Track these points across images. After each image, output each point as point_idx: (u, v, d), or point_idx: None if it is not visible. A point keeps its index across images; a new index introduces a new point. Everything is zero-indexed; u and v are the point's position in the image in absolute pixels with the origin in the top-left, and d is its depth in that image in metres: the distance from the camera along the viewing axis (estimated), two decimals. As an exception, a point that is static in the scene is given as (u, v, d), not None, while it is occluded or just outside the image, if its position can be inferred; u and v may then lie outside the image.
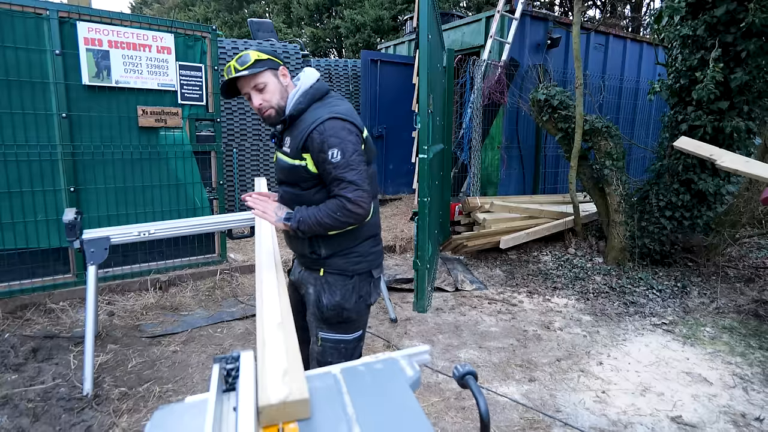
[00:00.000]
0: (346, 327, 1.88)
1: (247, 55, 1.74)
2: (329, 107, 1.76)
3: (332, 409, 1.07)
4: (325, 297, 1.83)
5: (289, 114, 1.80)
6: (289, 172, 1.80)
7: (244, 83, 1.77)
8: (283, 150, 1.82)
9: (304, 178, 1.77)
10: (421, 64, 3.03)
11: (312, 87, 1.81)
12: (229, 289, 4.31)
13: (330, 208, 1.70)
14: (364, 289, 1.88)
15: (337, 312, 1.83)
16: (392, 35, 16.69)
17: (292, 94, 1.82)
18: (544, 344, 3.45)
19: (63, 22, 3.54)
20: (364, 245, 1.87)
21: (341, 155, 1.66)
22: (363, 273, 1.87)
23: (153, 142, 4.02)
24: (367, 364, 1.25)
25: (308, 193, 1.79)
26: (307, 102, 1.79)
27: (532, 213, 5.40)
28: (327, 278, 1.84)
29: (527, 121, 6.09)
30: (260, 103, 1.77)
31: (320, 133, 1.67)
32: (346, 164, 1.66)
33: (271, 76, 1.79)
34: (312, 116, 1.73)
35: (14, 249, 3.60)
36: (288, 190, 1.85)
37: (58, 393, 2.80)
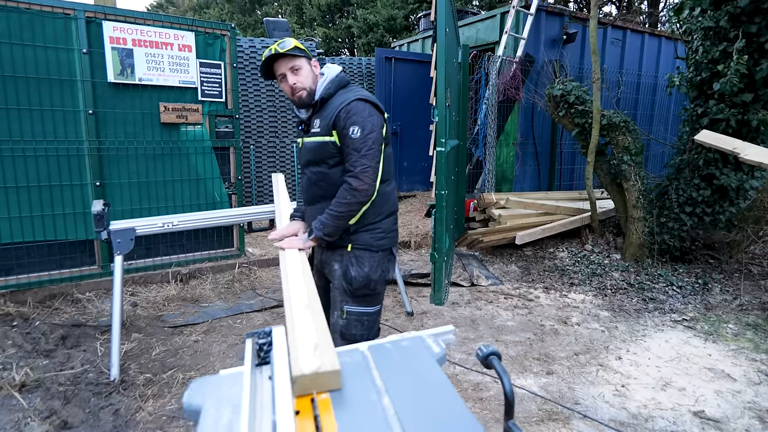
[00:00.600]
0: (370, 300, 2.04)
1: (288, 41, 1.94)
2: (354, 92, 1.97)
3: (362, 382, 1.11)
4: (354, 269, 1.98)
5: (320, 97, 1.98)
6: (318, 150, 1.95)
7: (282, 64, 1.95)
8: (311, 132, 1.98)
9: (331, 154, 1.93)
10: (438, 58, 3.05)
11: (337, 76, 2.03)
12: (247, 282, 4.38)
13: (338, 198, 1.90)
14: (385, 264, 2.06)
15: (365, 283, 1.99)
16: (405, 34, 16.71)
17: (321, 81, 2.02)
18: (561, 338, 3.45)
19: (90, 22, 3.64)
20: (386, 222, 2.05)
21: (360, 132, 1.85)
22: (386, 249, 2.05)
23: (174, 137, 4.11)
24: (394, 341, 1.29)
25: (334, 172, 1.96)
26: (335, 88, 1.99)
27: (547, 209, 5.38)
28: (355, 252, 1.99)
29: (543, 117, 6.06)
30: (294, 82, 1.95)
31: (346, 112, 1.87)
32: (362, 141, 1.85)
33: (305, 63, 1.99)
34: (340, 99, 1.93)
35: (43, 241, 3.71)
36: (315, 170, 2.00)
37: (87, 378, 2.89)
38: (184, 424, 2.53)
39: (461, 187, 5.27)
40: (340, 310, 2.00)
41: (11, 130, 3.49)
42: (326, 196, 1.98)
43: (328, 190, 1.98)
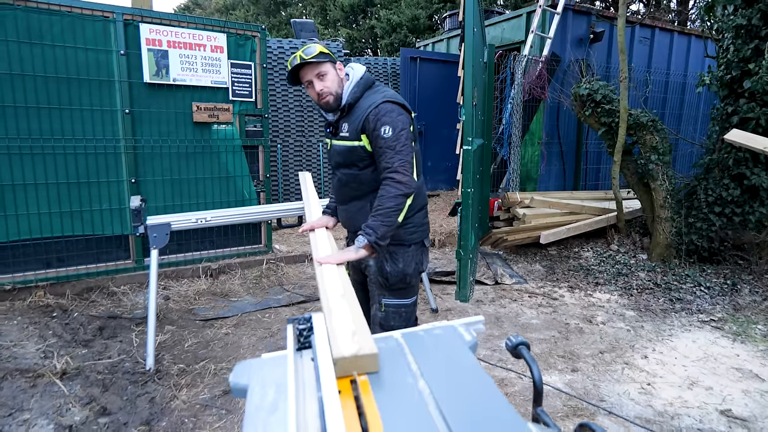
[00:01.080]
0: (406, 292, 2.10)
1: (314, 47, 1.96)
2: (381, 93, 1.98)
3: (397, 366, 1.17)
4: (389, 265, 2.04)
5: (347, 102, 2.00)
6: (348, 154, 2.00)
7: (308, 71, 1.97)
8: (340, 136, 2.03)
9: (361, 158, 1.98)
10: (466, 57, 3.09)
11: (362, 78, 2.04)
12: (275, 277, 4.48)
13: (385, 195, 1.88)
14: (419, 257, 2.11)
15: (400, 278, 2.05)
16: (428, 34, 16.70)
17: (347, 86, 2.03)
18: (586, 337, 3.44)
19: (127, 24, 3.79)
20: (417, 216, 2.08)
21: (392, 131, 1.88)
22: (418, 242, 2.10)
23: (206, 136, 4.24)
24: (427, 330, 1.34)
25: (365, 173, 2.01)
26: (361, 90, 2.01)
27: (572, 209, 5.34)
28: (388, 248, 2.02)
29: (568, 116, 6.02)
30: (321, 88, 1.97)
31: (375, 115, 1.89)
32: (395, 139, 1.88)
33: (331, 68, 2.00)
34: (367, 102, 1.96)
35: (81, 235, 3.88)
36: (346, 171, 2.06)
37: (124, 367, 3.02)
38: (217, 413, 2.63)
39: (486, 186, 5.28)
40: (378, 303, 2.07)
41: (53, 128, 3.66)
42: (358, 195, 2.07)
43: (359, 189, 2.06)
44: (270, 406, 1.03)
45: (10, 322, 3.39)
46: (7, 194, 3.57)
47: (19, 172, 3.58)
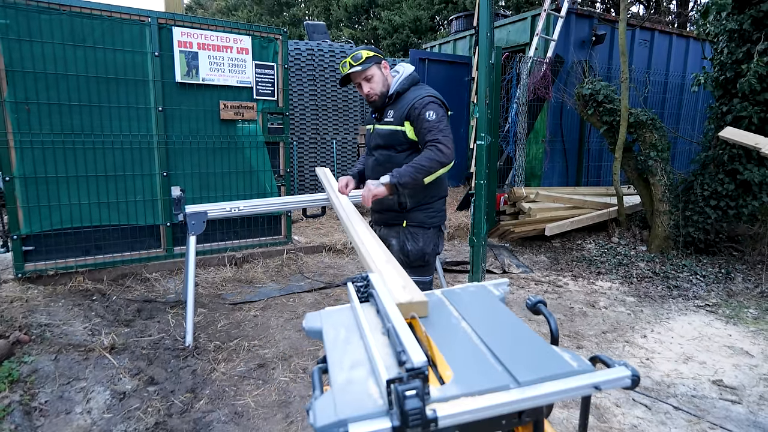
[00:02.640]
0: (424, 270, 2.36)
1: (360, 53, 2.25)
2: (426, 90, 2.28)
3: (442, 313, 1.45)
4: (410, 244, 2.32)
5: (395, 91, 2.30)
6: (389, 137, 2.29)
7: (357, 75, 2.27)
8: (384, 121, 2.32)
9: (400, 142, 2.27)
10: (480, 60, 3.35)
11: (411, 75, 2.34)
12: (295, 266, 4.75)
13: (425, 155, 2.13)
14: (436, 239, 2.38)
15: (420, 256, 2.31)
16: (430, 35, 16.96)
17: (396, 78, 2.33)
18: (590, 319, 3.71)
19: (161, 28, 4.06)
20: (438, 203, 2.36)
21: (435, 115, 2.16)
22: (436, 226, 2.36)
23: (231, 133, 4.51)
24: (462, 288, 1.63)
25: (401, 155, 2.29)
26: (408, 84, 2.31)
27: (576, 203, 5.61)
28: (409, 229, 2.32)
29: (571, 115, 6.29)
30: (368, 90, 2.29)
31: (420, 104, 2.18)
32: (439, 121, 2.16)
33: (377, 69, 2.29)
34: (413, 94, 2.24)
35: (117, 225, 4.14)
36: (383, 152, 2.35)
37: (164, 344, 3.28)
38: (254, 383, 2.89)
39: (492, 182, 5.54)
40: None
41: (93, 124, 3.93)
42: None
43: (391, 170, 2.26)
44: (344, 339, 1.31)
45: (55, 303, 3.66)
46: (51, 186, 3.83)
47: (62, 165, 3.84)
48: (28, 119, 3.69)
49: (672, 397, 2.67)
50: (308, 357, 3.08)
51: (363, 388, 1.02)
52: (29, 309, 3.52)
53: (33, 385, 2.74)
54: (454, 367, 1.12)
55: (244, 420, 2.52)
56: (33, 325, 3.30)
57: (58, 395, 2.70)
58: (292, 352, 3.16)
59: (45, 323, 3.36)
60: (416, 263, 2.33)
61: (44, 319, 3.42)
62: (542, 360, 1.12)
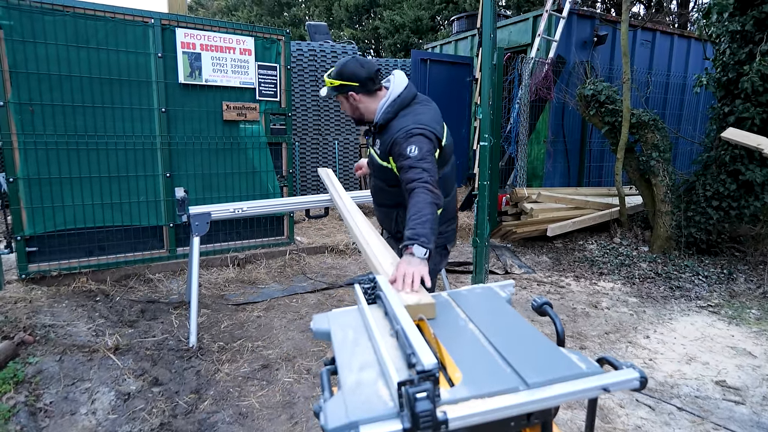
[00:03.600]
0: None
1: (324, 89, 2.12)
2: (414, 116, 1.96)
3: (449, 314, 1.46)
4: None
5: (378, 123, 2.04)
6: (379, 170, 2.15)
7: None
8: (375, 149, 2.13)
9: (390, 178, 2.08)
10: (484, 61, 3.36)
11: (399, 96, 2.02)
12: (297, 267, 4.76)
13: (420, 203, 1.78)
14: (437, 258, 2.24)
15: None
16: (431, 35, 16.97)
17: (381, 104, 2.05)
18: (592, 320, 3.72)
19: (164, 29, 4.07)
20: (443, 225, 2.22)
21: (418, 151, 1.85)
22: (440, 246, 2.22)
23: (234, 134, 4.52)
24: (469, 289, 1.63)
25: (392, 190, 2.13)
26: (394, 111, 2.01)
27: (577, 204, 5.62)
28: None
29: (573, 116, 6.30)
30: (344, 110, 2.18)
31: (402, 140, 1.90)
32: (422, 158, 1.84)
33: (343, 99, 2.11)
34: (398, 125, 1.96)
35: (121, 226, 4.15)
36: (377, 183, 2.25)
37: (168, 345, 3.29)
38: (258, 383, 2.90)
39: (494, 182, 5.55)
40: None
41: (96, 125, 3.93)
42: (386, 204, 2.26)
43: (387, 200, 2.24)
44: (352, 341, 1.32)
45: (59, 304, 3.67)
46: (54, 187, 3.84)
47: (65, 165, 3.85)
48: (32, 120, 3.70)
49: (675, 397, 2.68)
50: (312, 358, 3.09)
51: (373, 390, 1.03)
52: (33, 310, 3.53)
53: (38, 386, 2.75)
54: (463, 369, 1.13)
55: (248, 421, 2.53)
56: (37, 325, 3.31)
57: (63, 396, 2.71)
58: (296, 352, 3.17)
59: (49, 324, 3.37)
60: None
61: (48, 320, 3.43)
62: (550, 362, 1.13)
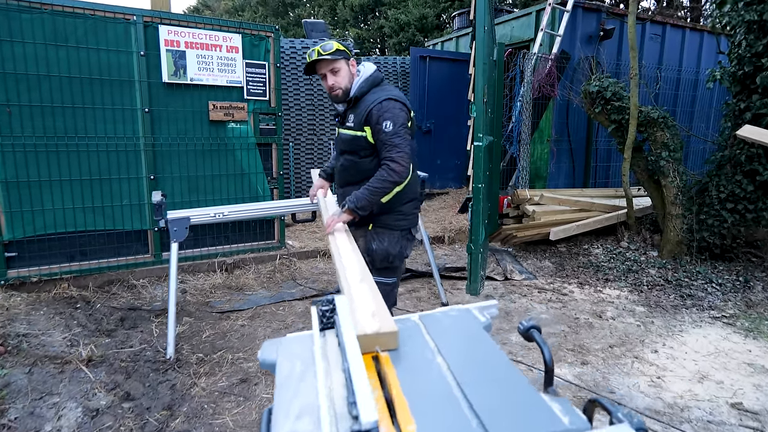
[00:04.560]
0: (388, 272, 2.34)
1: (331, 44, 2.18)
2: (386, 91, 2.20)
3: (416, 344, 1.24)
4: (375, 244, 2.28)
5: (354, 95, 2.23)
6: (351, 142, 2.24)
7: (324, 65, 2.19)
8: (346, 125, 2.27)
9: (362, 147, 2.21)
10: (477, 55, 3.15)
11: (371, 75, 2.26)
12: (288, 272, 4.58)
13: (377, 176, 2.12)
14: (403, 242, 2.34)
15: (384, 256, 2.28)
16: (436, 33, 16.74)
17: (356, 80, 2.26)
18: (596, 332, 3.49)
19: (147, 26, 3.91)
20: (406, 206, 2.31)
21: (392, 126, 2.10)
22: (404, 230, 2.33)
23: (221, 134, 4.35)
24: (443, 311, 1.42)
25: (364, 161, 2.24)
26: (368, 86, 2.23)
27: (582, 206, 5.37)
28: (376, 230, 2.30)
29: (578, 114, 6.05)
30: (332, 83, 2.21)
31: (378, 110, 2.12)
32: (395, 133, 2.10)
33: (344, 64, 2.23)
34: (372, 97, 2.18)
35: (103, 230, 4.01)
36: (348, 158, 2.31)
37: (145, 356, 3.13)
38: (235, 399, 2.72)
39: (495, 184, 5.33)
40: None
41: (77, 127, 3.79)
42: (354, 182, 2.29)
43: (356, 176, 2.28)
44: (298, 375, 1.11)
45: (37, 312, 3.52)
46: (33, 190, 3.70)
47: (45, 168, 3.71)
48: (9, 122, 3.56)
49: (686, 422, 2.44)
50: (293, 372, 2.90)
51: (309, 445, 0.83)
52: (9, 318, 3.39)
53: (4, 401, 2.59)
54: (419, 418, 0.92)
55: (218, 444, 2.35)
56: (11, 335, 3.16)
57: (29, 411, 2.55)
58: (277, 367, 2.98)
59: (23, 333, 3.22)
60: (381, 264, 2.31)
61: (23, 329, 3.28)
62: (527, 413, 0.92)
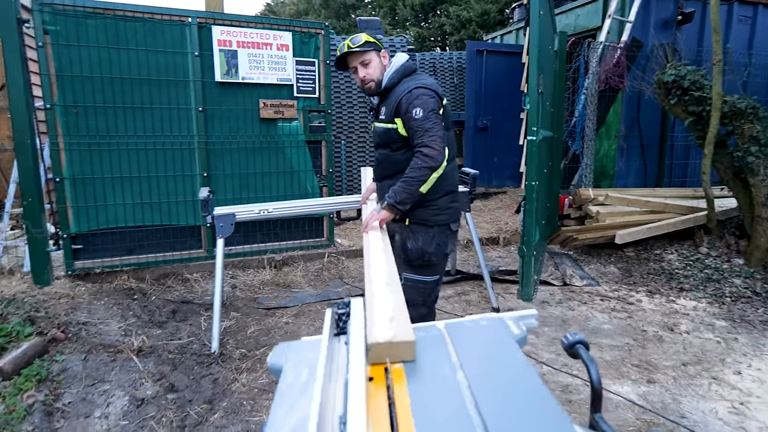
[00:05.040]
0: (426, 270, 2.25)
1: (359, 37, 2.18)
2: (416, 80, 2.14)
3: (436, 356, 1.09)
4: (410, 242, 2.21)
5: (385, 86, 2.20)
6: (384, 135, 2.21)
7: (354, 58, 2.18)
8: (380, 119, 2.24)
9: (394, 140, 2.17)
10: (531, 41, 2.91)
11: (402, 65, 2.21)
12: (335, 271, 4.54)
13: (412, 165, 2.05)
14: (442, 238, 2.23)
15: (419, 255, 2.20)
16: (499, 29, 16.24)
17: (387, 72, 2.23)
18: (666, 346, 3.13)
19: (201, 27, 4.01)
20: (443, 200, 2.20)
21: (422, 112, 2.03)
22: (442, 225, 2.22)
23: (272, 132, 4.39)
24: (473, 320, 1.25)
25: (397, 154, 2.20)
26: (398, 77, 2.19)
27: (654, 207, 4.90)
28: (411, 227, 2.21)
29: (651, 106, 5.54)
30: (364, 75, 2.19)
31: (407, 99, 2.07)
32: (425, 118, 2.03)
33: (375, 56, 2.21)
34: (402, 88, 2.13)
35: (159, 225, 4.16)
36: (382, 152, 2.28)
37: (192, 348, 3.19)
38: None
39: (555, 182, 4.99)
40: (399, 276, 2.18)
41: (136, 126, 3.96)
42: (390, 175, 2.25)
43: (390, 169, 2.24)
44: (302, 386, 1.00)
45: (98, 301, 3.71)
46: (97, 186, 3.91)
47: (107, 165, 3.91)
48: (76, 122, 3.78)
49: (773, 457, 2.10)
50: (331, 374, 2.83)
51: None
52: (73, 306, 3.59)
53: (60, 385, 2.72)
54: (425, 447, 0.79)
55: (251, 442, 2.32)
56: (72, 323, 3.34)
57: (82, 397, 2.66)
58: (316, 366, 2.93)
59: (84, 321, 3.40)
60: (416, 262, 2.24)
61: (84, 317, 3.46)
62: (553, 448, 0.76)
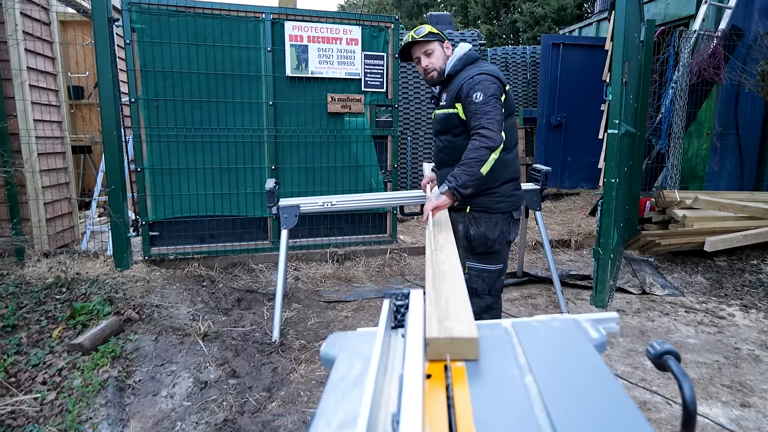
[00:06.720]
0: (489, 258, 2.28)
1: (423, 28, 2.28)
2: (479, 67, 2.20)
3: (502, 356, 0.99)
4: (473, 229, 2.25)
5: (447, 73, 2.28)
6: (444, 121, 2.26)
7: (418, 48, 2.28)
8: (440, 105, 2.31)
9: (455, 125, 2.23)
10: (616, 25, 2.68)
11: (465, 54, 2.28)
12: (397, 267, 4.49)
13: (470, 147, 2.05)
14: (505, 226, 2.27)
15: (482, 242, 2.24)
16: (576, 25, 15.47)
17: (450, 60, 2.31)
18: (764, 367, 2.77)
19: (274, 23, 4.11)
20: (505, 187, 2.24)
21: (482, 96, 2.06)
22: (504, 212, 2.26)
23: (339, 126, 4.41)
24: (543, 320, 1.13)
25: (458, 140, 2.24)
26: (461, 65, 2.26)
27: (751, 212, 4.38)
28: (473, 214, 2.26)
29: (752, 101, 4.97)
30: (427, 64, 2.28)
31: (468, 85, 2.12)
32: (485, 102, 2.06)
33: (438, 46, 2.29)
34: (465, 74, 2.19)
35: (229, 216, 4.32)
36: (443, 138, 2.33)
37: (254, 337, 3.26)
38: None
39: (635, 183, 4.62)
40: (463, 266, 2.12)
41: (211, 119, 4.13)
42: (450, 162, 2.28)
43: (451, 156, 2.27)
44: (354, 378, 0.94)
45: (170, 286, 3.91)
46: (173, 176, 4.12)
47: (183, 157, 4.11)
48: (156, 115, 4.01)
49: None
50: (389, 370, 2.77)
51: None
52: (148, 289, 3.81)
53: (132, 363, 2.89)
54: (487, 457, 0.70)
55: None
56: (146, 305, 3.54)
57: (151, 376, 2.80)
58: (373, 362, 2.88)
59: (156, 304, 3.59)
60: (479, 249, 2.27)
61: (157, 300, 3.66)
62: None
